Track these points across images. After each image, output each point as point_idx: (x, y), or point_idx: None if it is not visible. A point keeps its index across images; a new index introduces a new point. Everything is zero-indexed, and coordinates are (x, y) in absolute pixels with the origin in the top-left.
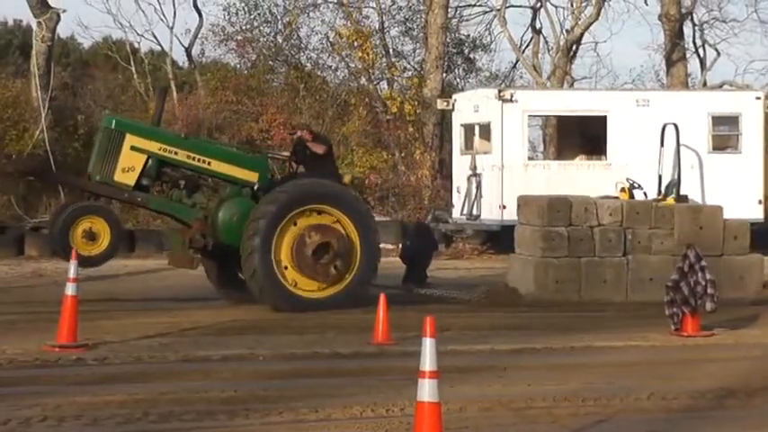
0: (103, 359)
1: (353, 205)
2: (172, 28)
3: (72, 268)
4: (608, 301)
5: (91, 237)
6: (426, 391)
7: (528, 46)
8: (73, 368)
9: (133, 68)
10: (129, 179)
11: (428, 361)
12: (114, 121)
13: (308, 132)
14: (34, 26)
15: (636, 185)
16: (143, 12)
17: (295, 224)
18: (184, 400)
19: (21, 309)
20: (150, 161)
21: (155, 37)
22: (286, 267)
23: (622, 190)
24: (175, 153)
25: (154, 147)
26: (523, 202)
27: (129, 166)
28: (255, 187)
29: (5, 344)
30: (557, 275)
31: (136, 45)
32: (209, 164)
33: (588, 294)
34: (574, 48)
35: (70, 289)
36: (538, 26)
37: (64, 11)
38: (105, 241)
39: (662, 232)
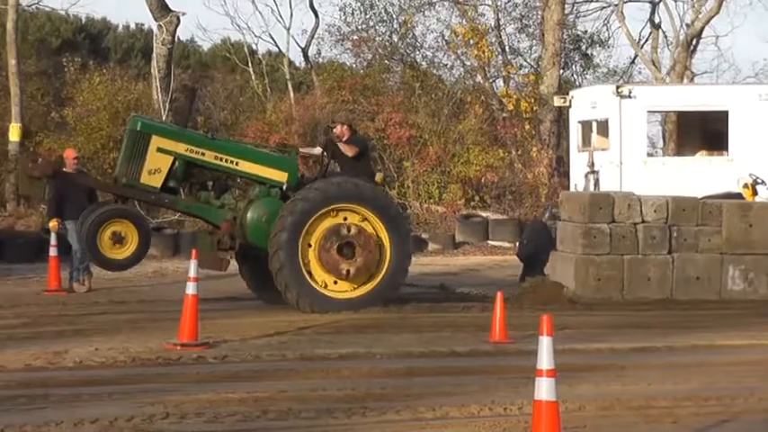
0: (223, 357)
1: (383, 205)
2: (289, 29)
3: (192, 267)
4: (652, 300)
5: (118, 240)
6: (544, 389)
7: (647, 41)
8: (194, 366)
9: (251, 70)
10: (156, 181)
11: (545, 359)
12: (140, 123)
13: (347, 128)
14: (155, 29)
15: (759, 181)
16: (260, 13)
17: (322, 224)
18: (303, 398)
19: (143, 308)
20: (177, 162)
21: (272, 38)
22: (314, 268)
23: (745, 186)
24: (202, 154)
25: (180, 148)
26: (565, 198)
27: (155, 167)
28: (284, 187)
29: (129, 342)
30: (598, 273)
31: (254, 46)
32: (236, 164)
33: (631, 293)
34: (694, 42)
35: (191, 288)
36: (657, 21)
37: (184, 14)
38: (133, 245)
39: (709, 230)
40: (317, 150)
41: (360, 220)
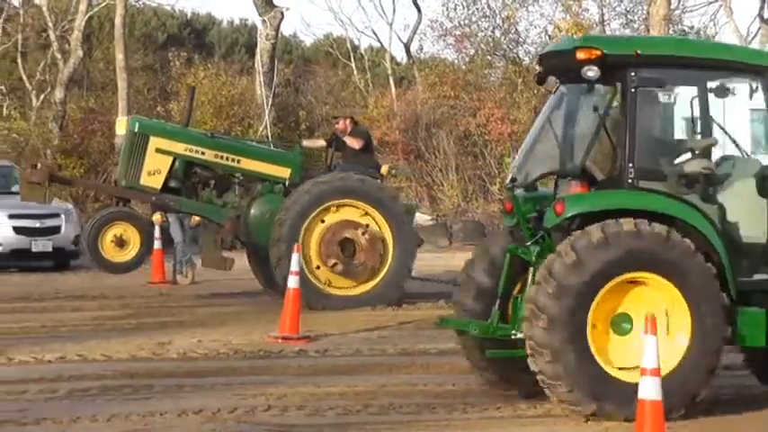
0: (324, 351)
1: (384, 200)
2: (391, 24)
3: (294, 261)
4: None
5: (120, 243)
6: (648, 388)
7: (755, 37)
8: (295, 359)
9: (353, 65)
10: (156, 182)
11: (650, 358)
12: (138, 124)
13: (349, 122)
14: (259, 25)
15: None
16: (363, 9)
17: (323, 221)
18: (403, 392)
19: (245, 300)
20: (177, 162)
21: (374, 33)
22: (318, 267)
23: None
24: (202, 153)
25: (179, 148)
26: None
27: (154, 168)
28: (287, 183)
29: (231, 334)
30: None
31: (356, 42)
32: (238, 162)
33: None
34: None
35: (293, 282)
36: (766, 16)
37: (287, 9)
38: (135, 246)
39: None
40: (321, 143)
41: (360, 216)
